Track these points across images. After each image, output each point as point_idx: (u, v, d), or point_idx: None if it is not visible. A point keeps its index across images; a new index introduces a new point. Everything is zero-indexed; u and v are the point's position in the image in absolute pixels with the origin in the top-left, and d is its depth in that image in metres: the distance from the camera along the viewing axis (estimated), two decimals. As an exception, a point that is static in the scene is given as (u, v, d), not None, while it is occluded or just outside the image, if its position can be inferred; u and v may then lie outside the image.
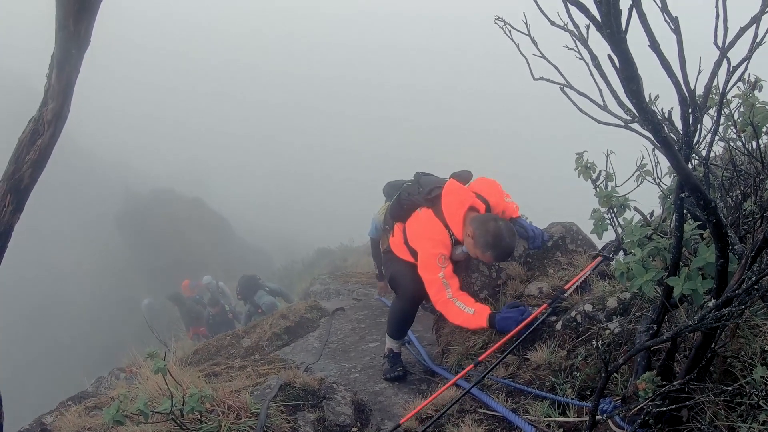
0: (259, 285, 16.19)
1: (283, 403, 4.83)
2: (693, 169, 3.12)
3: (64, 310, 36.74)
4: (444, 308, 5.55)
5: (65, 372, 22.59)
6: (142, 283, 35.99)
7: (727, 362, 3.05)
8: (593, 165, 4.68)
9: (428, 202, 5.89)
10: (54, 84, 2.78)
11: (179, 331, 18.69)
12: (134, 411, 3.96)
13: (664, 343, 2.89)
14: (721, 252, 2.43)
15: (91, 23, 2.73)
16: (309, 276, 18.22)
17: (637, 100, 2.00)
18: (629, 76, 1.95)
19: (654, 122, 2.05)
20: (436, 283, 5.54)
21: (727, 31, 2.32)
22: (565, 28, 2.82)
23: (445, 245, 5.66)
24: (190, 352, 9.66)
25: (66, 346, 33.40)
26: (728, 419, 2.79)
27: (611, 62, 2.00)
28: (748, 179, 3.52)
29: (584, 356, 4.27)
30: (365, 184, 11.37)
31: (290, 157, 77.82)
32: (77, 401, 6.61)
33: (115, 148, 57.14)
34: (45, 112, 2.79)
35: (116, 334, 28.87)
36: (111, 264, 39.94)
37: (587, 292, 5.11)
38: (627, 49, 1.88)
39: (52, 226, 41.27)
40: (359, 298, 11.15)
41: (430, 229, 5.74)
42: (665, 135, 2.08)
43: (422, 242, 5.75)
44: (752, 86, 3.59)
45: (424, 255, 5.67)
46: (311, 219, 57.74)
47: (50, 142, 2.85)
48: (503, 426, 4.16)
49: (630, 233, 3.12)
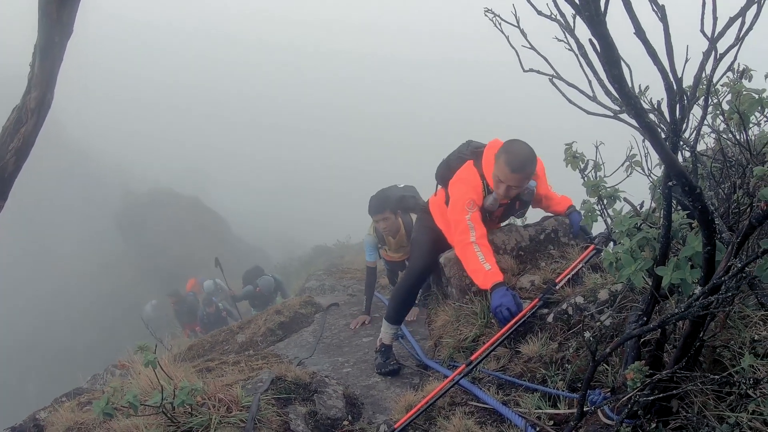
0: (262, 273, 17.08)
1: (275, 396, 4.82)
2: (683, 160, 3.12)
3: (63, 309, 36.64)
4: (463, 252, 5.56)
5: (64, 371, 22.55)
6: (141, 283, 35.97)
7: (717, 352, 3.05)
8: (582, 155, 4.67)
9: (473, 154, 5.97)
10: (37, 72, 2.77)
11: (176, 329, 18.73)
12: (124, 404, 3.95)
13: (652, 332, 2.88)
14: (708, 239, 2.42)
15: (73, 11, 2.72)
16: (306, 273, 18.23)
17: (620, 85, 1.99)
18: (610, 60, 1.93)
19: (637, 107, 2.03)
20: (462, 223, 5.57)
21: (716, 21, 2.30)
22: (551, 17, 2.81)
23: (476, 191, 5.70)
24: (185, 349, 9.67)
25: (65, 345, 33.32)
26: (717, 409, 2.79)
27: (592, 47, 1.99)
28: (738, 169, 3.52)
29: (575, 348, 4.27)
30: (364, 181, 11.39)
31: (288, 156, 77.84)
32: (71, 397, 6.59)
33: (114, 148, 57.03)
34: (28, 101, 2.78)
35: (115, 333, 28.85)
36: (110, 264, 39.86)
37: (579, 284, 5.09)
38: (607, 32, 1.87)
39: (51, 226, 41.29)
40: (354, 294, 11.18)
41: (466, 174, 5.82)
42: (648, 120, 2.07)
43: (456, 185, 5.84)
44: (741, 75, 3.59)
45: (455, 197, 5.74)
46: (309, 217, 57.68)
47: (34, 130, 2.84)
48: (494, 418, 4.15)
49: (619, 223, 3.11)
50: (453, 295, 6.23)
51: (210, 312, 17.33)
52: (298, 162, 76.79)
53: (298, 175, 74.33)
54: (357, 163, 73.90)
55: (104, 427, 4.45)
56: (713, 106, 3.83)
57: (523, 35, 3.43)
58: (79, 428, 4.83)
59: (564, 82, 3.21)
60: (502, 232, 6.32)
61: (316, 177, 73.56)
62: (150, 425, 4.16)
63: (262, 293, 16.31)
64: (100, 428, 4.52)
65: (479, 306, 5.63)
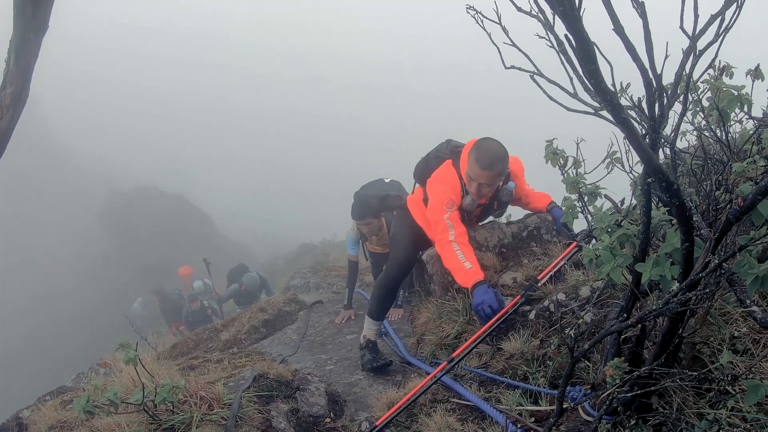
0: (247, 271, 17.11)
1: (257, 393, 4.81)
2: (664, 157, 3.12)
3: (47, 307, 36.39)
4: (443, 250, 5.57)
5: (49, 369, 22.46)
6: (125, 280, 35.82)
7: (696, 349, 3.05)
8: (562, 152, 4.67)
9: (452, 153, 5.95)
10: (12, 68, 2.75)
11: (162, 327, 18.66)
12: (105, 401, 3.93)
13: (630, 328, 2.88)
14: (686, 235, 2.42)
15: (48, 8, 2.71)
16: (291, 271, 18.24)
17: (595, 80, 1.98)
18: (585, 55, 1.93)
19: (613, 103, 2.03)
20: (440, 223, 5.59)
21: (698, 19, 2.30)
22: (531, 14, 2.80)
23: (455, 192, 5.70)
24: (169, 347, 9.65)
25: (51, 345, 33.14)
26: (697, 405, 2.79)
27: (568, 42, 1.99)
28: (719, 167, 3.52)
29: (557, 345, 4.27)
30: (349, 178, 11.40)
31: (273, 159, 77.67)
32: (55, 396, 6.56)
33: (99, 145, 56.77)
34: (4, 97, 2.76)
35: (100, 331, 28.68)
36: (94, 261, 39.62)
37: (561, 281, 5.10)
38: (582, 27, 1.86)
39: (35, 223, 40.98)
40: (338, 292, 11.18)
41: (444, 174, 5.82)
42: (625, 116, 2.06)
43: (434, 186, 5.84)
44: (721, 72, 3.59)
45: (434, 198, 5.76)
46: (294, 217, 57.56)
47: (9, 125, 2.82)
48: (475, 415, 4.16)
49: (599, 220, 3.11)
50: (435, 292, 6.24)
51: (195, 309, 17.26)
52: (284, 165, 76.61)
53: (283, 177, 74.12)
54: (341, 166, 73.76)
55: (87, 426, 4.43)
56: (693, 102, 3.84)
57: (504, 32, 3.42)
58: (62, 426, 4.80)
59: (545, 79, 3.20)
60: (485, 229, 6.33)
61: (301, 180, 73.37)
62: (132, 423, 4.15)
63: (248, 290, 16.32)
64: (83, 426, 4.49)
65: (461, 303, 5.64)
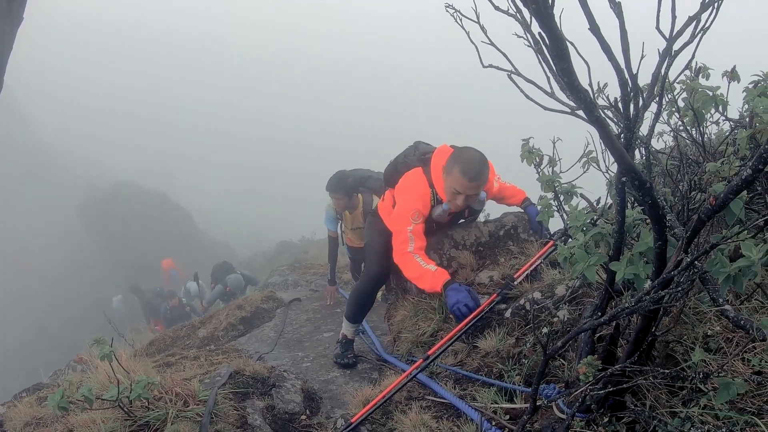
0: (231, 270, 16.79)
1: (232, 390, 4.79)
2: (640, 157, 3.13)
3: (26, 304, 36.09)
4: (401, 260, 5.55)
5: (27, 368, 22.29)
6: (105, 278, 35.63)
7: (670, 347, 3.07)
8: (538, 150, 4.68)
9: (421, 162, 5.90)
10: (-14, 61, 2.73)
11: (140, 324, 18.58)
12: (79, 397, 3.91)
13: (603, 326, 2.90)
14: (659, 234, 2.43)
15: (23, 1, 2.69)
16: (270, 269, 18.23)
17: (569, 78, 1.99)
18: (558, 53, 1.93)
19: (587, 101, 2.03)
20: (402, 234, 5.55)
21: (675, 20, 2.31)
22: (508, 13, 2.81)
23: (424, 202, 5.65)
24: (146, 344, 9.62)
25: (28, 341, 32.85)
26: (669, 403, 2.81)
27: (542, 41, 1.99)
28: (695, 167, 3.55)
29: (532, 343, 4.28)
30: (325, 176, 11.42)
31: (253, 162, 77.76)
32: (31, 393, 6.54)
33: (79, 142, 56.52)
34: (-23, 89, 2.74)
35: (80, 329, 28.49)
36: (74, 259, 39.35)
37: (537, 280, 5.12)
38: (554, 25, 1.86)
39: (13, 221, 40.66)
40: (316, 289, 11.19)
41: (415, 183, 5.74)
42: (598, 114, 2.07)
43: (403, 194, 5.78)
44: (698, 73, 3.62)
45: (401, 206, 5.70)
46: (274, 215, 57.55)
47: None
48: (451, 413, 4.16)
49: (574, 219, 3.13)
50: (412, 290, 6.25)
51: (173, 306, 17.21)
52: (265, 168, 76.76)
53: (264, 179, 74.26)
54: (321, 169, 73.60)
55: (62, 422, 4.40)
56: (669, 103, 3.86)
57: (483, 31, 3.43)
58: (38, 423, 4.77)
59: (523, 78, 3.21)
60: (462, 228, 6.34)
61: (282, 182, 73.39)
62: (107, 419, 4.12)
63: (233, 292, 16.24)
64: (58, 423, 4.46)
65: (437, 301, 5.65)
